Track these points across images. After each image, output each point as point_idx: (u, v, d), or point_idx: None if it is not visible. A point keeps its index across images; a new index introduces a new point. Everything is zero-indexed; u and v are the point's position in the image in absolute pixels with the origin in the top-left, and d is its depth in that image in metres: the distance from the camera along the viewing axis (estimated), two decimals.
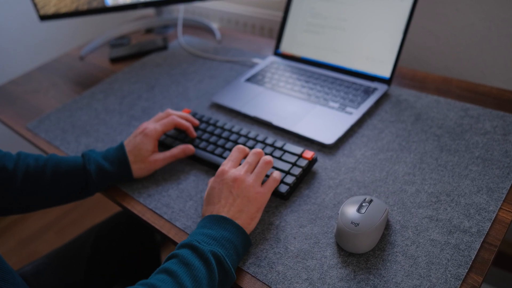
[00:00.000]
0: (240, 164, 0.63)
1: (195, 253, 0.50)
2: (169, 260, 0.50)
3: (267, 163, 0.61)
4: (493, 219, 0.55)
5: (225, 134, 0.74)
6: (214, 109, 0.86)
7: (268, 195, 0.59)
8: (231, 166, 0.61)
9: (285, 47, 0.96)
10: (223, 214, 0.56)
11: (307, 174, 0.67)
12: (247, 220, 0.56)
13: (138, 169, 0.69)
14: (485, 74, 0.93)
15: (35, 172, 0.65)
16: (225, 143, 0.73)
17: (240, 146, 0.64)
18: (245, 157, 0.64)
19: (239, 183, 0.58)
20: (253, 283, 0.53)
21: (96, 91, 0.99)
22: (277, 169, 0.66)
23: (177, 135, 0.77)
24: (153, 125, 0.71)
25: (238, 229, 0.54)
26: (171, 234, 0.62)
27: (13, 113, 0.97)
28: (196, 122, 0.77)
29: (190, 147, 0.72)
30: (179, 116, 0.75)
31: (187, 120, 0.76)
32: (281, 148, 0.69)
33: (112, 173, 0.67)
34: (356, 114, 0.76)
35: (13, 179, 0.64)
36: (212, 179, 0.62)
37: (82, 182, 0.66)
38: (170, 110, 0.75)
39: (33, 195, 0.65)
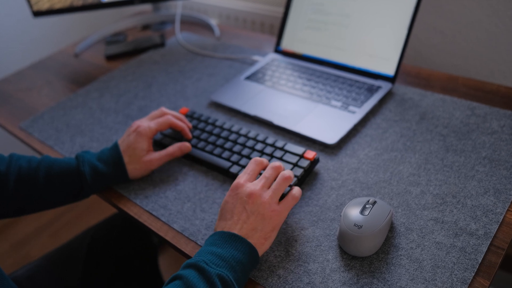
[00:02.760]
0: (257, 178, 0.59)
1: (201, 275, 0.48)
2: (173, 281, 0.48)
3: (286, 179, 0.57)
4: (500, 221, 0.55)
5: (224, 133, 0.74)
6: (213, 108, 0.86)
7: (285, 214, 0.56)
8: (247, 180, 0.57)
9: (286, 44, 0.96)
10: (235, 231, 0.53)
11: (309, 175, 0.67)
12: (261, 240, 0.53)
13: (133, 169, 0.69)
14: (493, 72, 0.93)
15: (28, 174, 0.65)
16: (224, 143, 0.73)
17: (258, 158, 0.61)
18: (263, 169, 0.61)
19: (254, 199, 0.54)
20: (253, 287, 0.53)
21: (91, 89, 1.00)
22: None
23: (175, 135, 0.77)
24: (147, 123, 0.71)
25: (250, 248, 0.52)
26: (169, 236, 0.62)
27: (5, 112, 0.97)
28: (190, 125, 0.77)
29: (186, 145, 0.72)
30: (174, 116, 0.75)
31: (181, 120, 0.76)
32: (282, 148, 0.69)
33: (107, 174, 0.67)
34: (359, 113, 0.76)
35: (5, 182, 0.64)
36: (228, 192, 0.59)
37: (76, 184, 0.66)
38: (164, 109, 0.75)
39: (26, 198, 0.65)
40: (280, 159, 0.67)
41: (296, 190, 0.58)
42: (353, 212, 0.55)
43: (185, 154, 0.72)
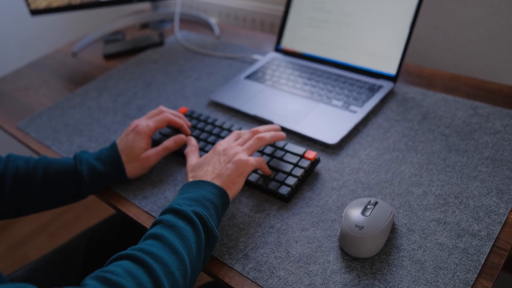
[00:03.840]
0: None
1: (178, 216, 0.52)
2: (153, 226, 0.52)
3: (259, 139, 0.63)
4: (503, 222, 0.55)
5: (224, 133, 0.74)
6: (212, 107, 0.86)
7: (252, 163, 0.61)
8: (226, 142, 0.64)
9: (286, 43, 0.96)
10: (206, 178, 0.59)
11: (310, 175, 0.67)
12: (228, 184, 0.58)
13: (132, 168, 0.69)
14: (495, 71, 0.93)
15: (25, 174, 0.65)
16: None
17: (237, 131, 0.67)
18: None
19: (227, 151, 0.62)
20: None
21: (90, 88, 0.99)
22: (278, 170, 0.66)
23: (174, 134, 0.77)
24: (145, 122, 0.71)
25: (218, 189, 0.57)
26: None
27: (2, 111, 0.97)
28: (188, 123, 0.77)
29: (182, 137, 0.72)
30: (172, 114, 0.76)
31: (179, 118, 0.76)
32: (282, 148, 0.69)
33: (105, 174, 0.67)
34: (360, 112, 0.76)
35: (3, 182, 0.64)
36: (189, 149, 0.68)
37: (74, 184, 0.66)
38: (162, 107, 0.75)
39: (24, 198, 0.65)
40: (281, 159, 0.67)
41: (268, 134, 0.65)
42: (354, 213, 0.55)
43: (181, 146, 0.73)
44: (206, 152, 0.72)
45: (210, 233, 0.53)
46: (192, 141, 0.70)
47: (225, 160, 0.61)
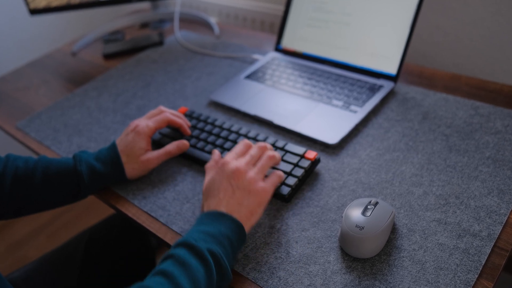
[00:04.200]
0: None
1: (191, 252, 0.49)
2: (164, 261, 0.50)
3: (271, 157, 0.60)
4: (504, 222, 0.55)
5: (223, 133, 0.74)
6: (212, 107, 0.86)
7: (271, 191, 0.58)
8: (233, 158, 0.60)
9: (286, 43, 0.96)
10: (222, 208, 0.55)
11: (310, 176, 0.67)
12: (247, 214, 0.55)
13: (131, 169, 0.69)
14: (496, 70, 0.93)
15: (24, 175, 0.65)
16: (223, 142, 0.73)
17: (247, 140, 0.63)
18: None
19: (239, 175, 0.57)
20: None
21: (89, 88, 0.99)
22: (278, 169, 0.65)
23: (173, 134, 0.77)
24: (145, 122, 0.71)
25: (237, 224, 0.53)
26: (167, 238, 0.61)
27: (2, 111, 0.97)
28: (188, 123, 0.77)
29: (184, 143, 0.72)
30: (172, 113, 0.76)
31: (179, 118, 0.76)
32: (282, 148, 0.69)
33: (104, 174, 0.67)
34: (360, 112, 0.76)
35: (2, 182, 0.64)
36: (209, 165, 0.62)
37: (73, 185, 0.66)
38: (162, 107, 0.75)
39: (23, 199, 0.65)
40: (281, 159, 0.67)
41: (280, 172, 0.61)
42: (355, 213, 0.55)
43: (183, 152, 0.72)
44: (207, 152, 0.72)
45: (224, 273, 0.50)
46: (215, 155, 0.64)
47: (238, 186, 0.56)
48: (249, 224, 0.55)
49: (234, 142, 0.72)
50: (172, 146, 0.71)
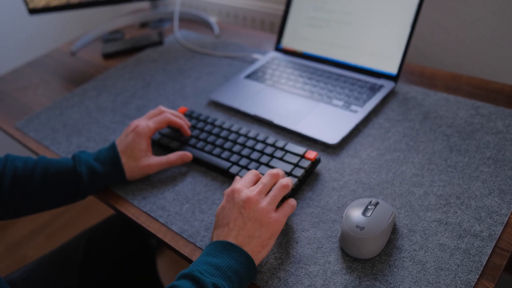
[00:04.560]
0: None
1: (196, 285, 0.47)
2: None
3: (284, 186, 0.57)
4: (505, 222, 0.55)
5: (223, 133, 0.74)
6: (212, 107, 0.86)
7: (283, 222, 0.55)
8: (244, 186, 0.57)
9: (286, 42, 0.96)
10: (231, 239, 0.52)
11: (310, 176, 0.67)
12: (257, 247, 0.52)
13: (131, 170, 0.69)
14: (497, 70, 0.93)
15: (23, 175, 0.65)
16: (223, 143, 0.73)
17: (255, 170, 0.61)
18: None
19: (250, 205, 0.54)
20: None
21: (88, 88, 0.99)
22: None
23: (173, 134, 0.77)
24: (145, 123, 0.71)
25: (246, 258, 0.51)
26: (167, 238, 0.62)
27: (1, 111, 0.97)
28: (188, 123, 0.77)
29: (188, 155, 0.71)
30: (172, 114, 0.76)
31: (179, 119, 0.76)
32: (282, 148, 0.69)
33: (104, 175, 0.67)
34: (361, 112, 0.76)
35: (1, 183, 0.64)
36: (226, 191, 0.59)
37: (73, 185, 0.66)
38: (162, 107, 0.75)
39: (22, 199, 0.65)
40: (281, 159, 0.67)
41: (293, 200, 0.59)
42: (355, 214, 0.55)
43: (185, 163, 0.72)
44: (206, 152, 0.72)
45: None
46: (237, 178, 0.62)
47: (249, 217, 0.53)
48: (259, 257, 0.53)
49: (234, 142, 0.72)
50: (175, 157, 0.71)
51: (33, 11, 1.09)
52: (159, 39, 1.14)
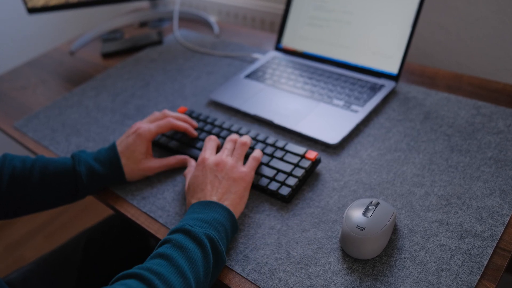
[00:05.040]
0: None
1: (188, 237, 0.52)
2: (162, 245, 0.52)
3: (243, 144, 0.66)
4: (506, 223, 0.55)
5: (223, 133, 0.74)
6: (212, 107, 0.86)
7: (252, 173, 0.63)
8: (210, 154, 0.64)
9: (287, 42, 0.96)
10: (212, 198, 0.59)
11: (310, 176, 0.67)
12: (236, 200, 0.59)
13: (131, 171, 0.69)
14: (499, 70, 0.93)
15: (22, 174, 0.65)
16: (223, 142, 0.73)
17: (212, 136, 0.69)
18: (219, 147, 0.69)
19: (222, 166, 0.62)
20: None
21: (87, 88, 1.00)
22: (278, 170, 0.66)
23: (173, 134, 0.77)
24: (147, 126, 0.71)
25: (227, 211, 0.57)
26: None
27: None
28: (195, 124, 0.76)
29: (188, 159, 0.71)
30: (177, 117, 0.75)
31: (185, 121, 0.76)
32: (282, 148, 0.69)
33: (103, 175, 0.67)
34: (362, 112, 0.76)
35: None
36: (188, 171, 0.67)
37: (72, 185, 0.66)
38: (167, 111, 0.75)
39: (20, 199, 0.65)
40: (281, 159, 0.67)
41: (257, 151, 0.66)
42: (356, 214, 0.55)
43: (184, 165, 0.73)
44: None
45: (219, 257, 0.53)
46: (192, 162, 0.70)
47: (224, 177, 0.61)
48: (239, 209, 0.60)
49: (234, 142, 0.72)
50: (175, 160, 0.71)
51: (32, 10, 1.09)
52: (158, 38, 1.14)
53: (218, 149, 0.69)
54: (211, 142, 0.67)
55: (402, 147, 0.69)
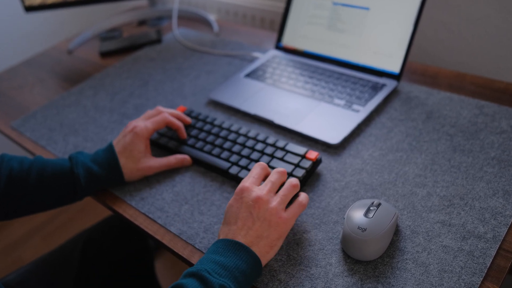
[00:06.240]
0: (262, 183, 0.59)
1: (203, 286, 0.47)
2: None
3: (294, 186, 0.57)
4: (509, 224, 0.55)
5: (223, 133, 0.74)
6: (211, 106, 0.86)
7: (292, 222, 0.55)
8: (253, 183, 0.56)
9: (287, 40, 0.96)
10: (239, 238, 0.52)
11: (311, 176, 0.67)
12: (266, 248, 0.52)
13: (130, 172, 0.68)
14: (501, 69, 0.93)
15: (19, 175, 0.65)
16: (223, 142, 0.73)
17: (262, 163, 0.60)
18: (266, 175, 0.60)
19: (260, 204, 0.54)
20: None
21: (85, 87, 0.99)
22: None
23: (172, 134, 0.77)
24: (143, 123, 0.71)
25: (254, 258, 0.51)
26: (165, 240, 0.61)
27: None
28: (189, 120, 0.77)
29: (188, 159, 0.72)
30: (171, 114, 0.75)
31: (178, 118, 0.76)
32: (283, 148, 0.69)
33: (102, 177, 0.67)
34: (363, 112, 0.76)
35: None
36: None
37: (69, 187, 0.66)
38: (160, 108, 0.75)
39: (18, 200, 0.65)
40: (281, 159, 0.67)
41: (303, 197, 0.58)
42: (357, 215, 0.55)
43: (185, 166, 0.72)
44: (206, 152, 0.72)
45: None
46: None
47: (259, 217, 0.53)
48: (267, 258, 0.53)
49: (234, 142, 0.72)
50: (174, 160, 0.71)
51: (29, 8, 1.08)
52: (157, 37, 1.14)
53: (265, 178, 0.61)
54: (258, 169, 0.59)
55: (404, 147, 0.69)
